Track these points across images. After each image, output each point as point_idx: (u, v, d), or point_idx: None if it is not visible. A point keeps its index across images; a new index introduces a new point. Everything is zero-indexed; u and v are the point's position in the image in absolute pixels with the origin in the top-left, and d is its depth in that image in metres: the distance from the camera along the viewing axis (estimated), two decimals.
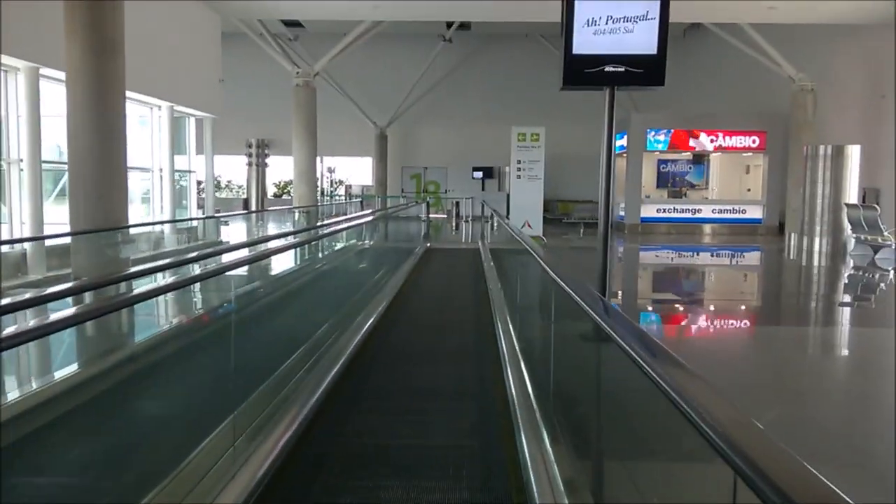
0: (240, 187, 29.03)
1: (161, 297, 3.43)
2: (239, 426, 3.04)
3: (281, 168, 28.42)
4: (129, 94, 10.70)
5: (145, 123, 11.64)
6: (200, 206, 14.46)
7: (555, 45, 25.39)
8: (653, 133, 17.82)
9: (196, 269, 3.36)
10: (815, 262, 12.56)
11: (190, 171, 13.35)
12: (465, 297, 8.55)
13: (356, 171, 28.76)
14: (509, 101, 26.24)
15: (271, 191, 28.89)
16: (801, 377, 5.30)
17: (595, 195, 21.22)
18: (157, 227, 11.55)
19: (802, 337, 6.88)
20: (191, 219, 12.50)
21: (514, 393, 4.16)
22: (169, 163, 11.80)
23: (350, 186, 28.38)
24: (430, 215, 27.17)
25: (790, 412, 4.31)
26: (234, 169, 28.82)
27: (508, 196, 27.16)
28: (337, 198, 27.15)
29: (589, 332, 2.47)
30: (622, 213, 18.80)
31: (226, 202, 28.49)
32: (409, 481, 3.00)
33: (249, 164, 28.12)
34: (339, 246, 8.10)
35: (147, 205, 11.87)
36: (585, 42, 5.10)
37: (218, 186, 29.40)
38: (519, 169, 13.58)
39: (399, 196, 25.13)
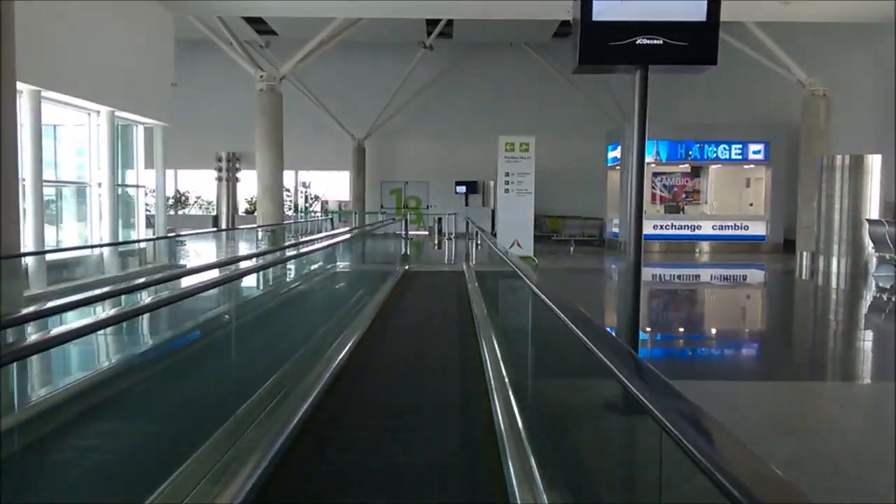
0: (210, 203, 27.44)
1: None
2: None
3: (253, 183, 26.89)
4: (59, 97, 9.27)
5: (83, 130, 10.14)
6: (151, 226, 12.92)
7: (540, 55, 24.35)
8: (651, 144, 16.61)
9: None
10: (835, 285, 11.32)
11: (138, 186, 11.82)
12: (449, 333, 7.13)
13: (333, 186, 27.33)
14: (493, 113, 25.08)
15: (243, 206, 27.34)
16: None
17: (586, 210, 20.03)
18: (96, 251, 10.02)
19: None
20: (129, 242, 10.97)
21: (515, 486, 2.82)
22: (109, 176, 10.29)
23: (326, 202, 26.93)
24: (412, 232, 25.89)
25: None
26: (204, 184, 27.24)
27: (494, 212, 25.94)
28: (313, 214, 25.67)
29: (615, 399, 1.98)
30: (615, 230, 17.53)
31: (196, 219, 26.91)
32: None
33: (219, 179, 26.63)
34: (305, 270, 6.78)
35: (84, 223, 10.34)
36: (610, 6, 3.75)
37: (185, 202, 27.80)
38: (507, 182, 12.26)
39: (378, 212, 23.73)
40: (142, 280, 4.31)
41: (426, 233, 25.92)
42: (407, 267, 11.68)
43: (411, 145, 25.97)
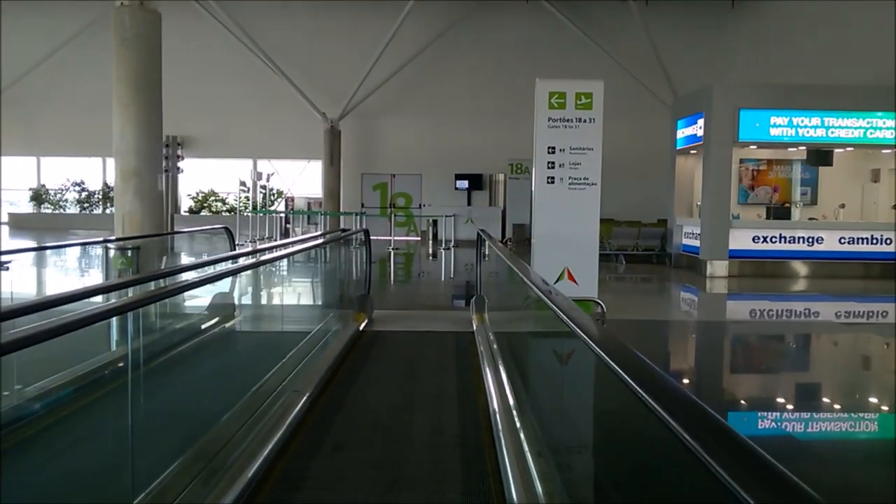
0: None
1: None
2: None
3: (200, 174, 21.37)
4: None
5: None
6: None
7: (566, 13, 18.86)
8: (751, 115, 11.04)
9: None
10: None
11: None
12: None
13: (305, 178, 21.76)
14: (504, 88, 19.61)
15: (187, 204, 21.77)
16: None
17: (642, 215, 14.53)
18: None
19: None
20: None
21: None
22: None
23: (292, 199, 21.36)
24: (400, 238, 20.42)
25: None
26: None
27: (504, 213, 20.47)
28: (279, 215, 20.08)
29: None
30: (692, 243, 12.00)
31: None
32: None
33: None
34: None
35: None
36: None
37: (108, 199, 22.16)
38: (551, 166, 6.72)
39: (356, 212, 18.15)
40: None
41: (418, 239, 20.42)
42: (365, 322, 6.08)
43: (399, 128, 20.53)
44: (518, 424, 3.31)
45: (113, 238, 7.42)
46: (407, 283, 11.36)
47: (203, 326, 5.34)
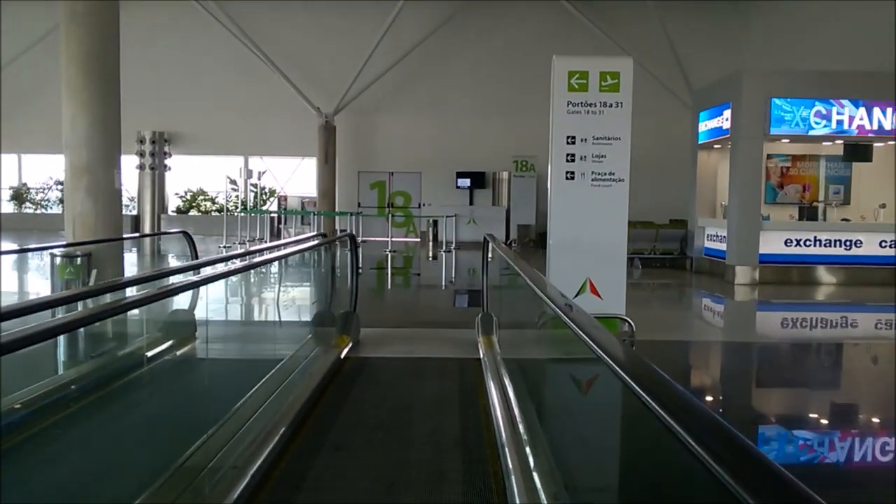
0: (131, 199, 20.84)
1: None
2: None
3: (189, 172, 20.37)
4: None
5: None
6: None
7: (575, 5, 17.79)
8: (782, 104, 10.00)
9: None
10: None
11: None
12: None
13: (299, 176, 20.75)
14: (509, 82, 18.65)
15: (174, 203, 20.76)
16: None
17: (657, 215, 13.48)
18: None
19: None
20: None
21: None
22: None
23: (285, 198, 20.33)
24: (398, 240, 19.37)
25: None
26: (126, 173, 20.56)
27: (508, 212, 19.37)
28: (271, 215, 19.07)
29: None
30: (715, 246, 10.97)
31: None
32: None
33: (141, 167, 20.03)
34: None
35: None
36: None
37: None
38: (571, 158, 5.67)
39: (351, 213, 17.11)
40: None
41: (417, 240, 19.41)
42: (349, 347, 5.04)
43: (397, 124, 19.55)
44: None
45: (63, 244, 6.39)
46: (403, 290, 10.35)
47: (148, 359, 4.32)
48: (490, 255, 5.95)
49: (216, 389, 3.51)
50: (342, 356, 4.81)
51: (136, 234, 13.16)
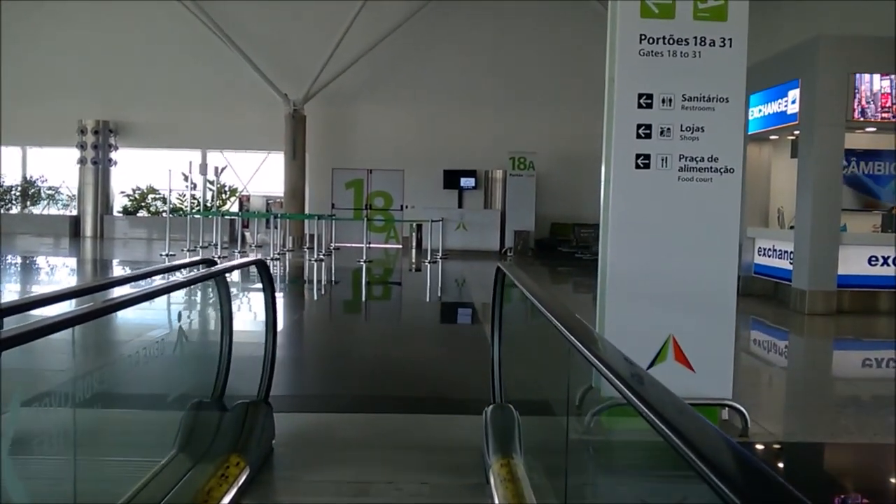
0: (71, 198, 18.22)
1: None
2: None
3: (138, 167, 17.78)
4: None
5: None
6: None
7: None
8: (868, 82, 7.68)
9: None
10: None
11: None
12: None
13: (264, 173, 18.24)
14: (506, 68, 16.42)
15: (121, 203, 18.14)
16: None
17: None
18: None
19: None
20: None
21: None
22: None
23: (247, 198, 17.82)
24: (377, 245, 16.77)
25: None
26: (65, 168, 17.94)
27: (503, 217, 16.79)
28: (231, 217, 16.54)
29: None
30: (772, 263, 8.66)
31: (48, 221, 17.63)
32: None
33: (83, 162, 17.43)
34: None
35: None
36: None
37: (37, 196, 18.48)
38: (646, 133, 3.32)
39: (323, 215, 14.62)
40: None
41: (399, 247, 17.02)
42: (244, 478, 2.60)
43: (377, 115, 17.23)
44: None
45: None
46: (374, 321, 7.91)
47: None
48: (499, 297, 3.35)
49: None
50: None
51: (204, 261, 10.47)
